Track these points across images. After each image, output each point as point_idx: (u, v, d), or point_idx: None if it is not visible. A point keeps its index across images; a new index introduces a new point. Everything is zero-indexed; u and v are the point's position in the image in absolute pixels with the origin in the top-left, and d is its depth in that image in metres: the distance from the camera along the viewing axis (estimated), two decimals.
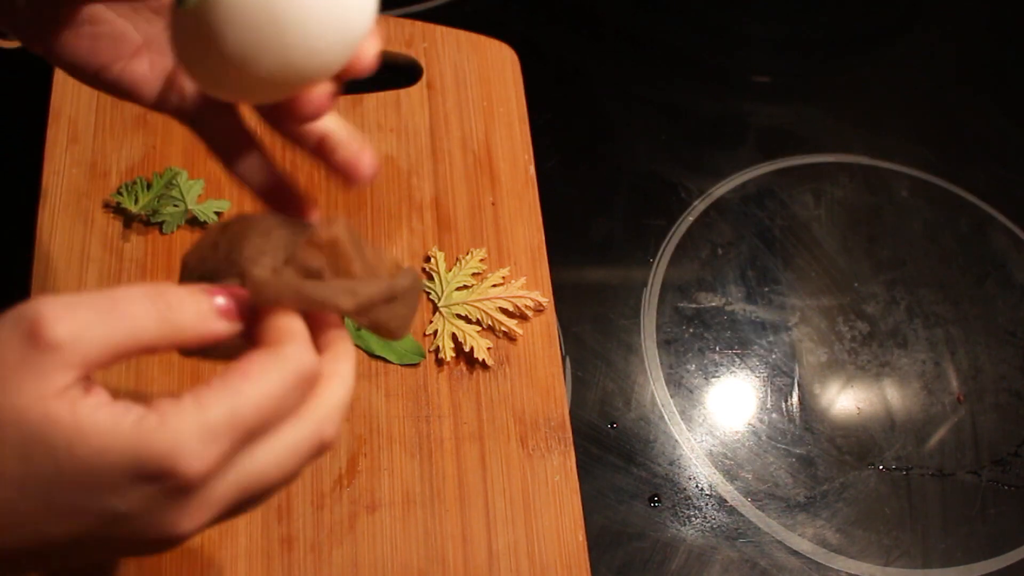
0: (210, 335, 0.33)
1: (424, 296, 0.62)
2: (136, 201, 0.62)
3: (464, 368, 0.60)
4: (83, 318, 0.29)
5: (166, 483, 0.30)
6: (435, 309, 0.62)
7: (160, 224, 0.63)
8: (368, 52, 0.35)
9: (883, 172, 0.78)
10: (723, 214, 0.74)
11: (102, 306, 0.30)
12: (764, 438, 0.65)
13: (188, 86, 0.40)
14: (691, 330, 0.68)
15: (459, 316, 0.61)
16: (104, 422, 0.29)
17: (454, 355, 0.60)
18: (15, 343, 0.29)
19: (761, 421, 0.65)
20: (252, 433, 0.32)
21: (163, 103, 0.40)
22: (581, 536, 0.56)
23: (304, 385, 0.33)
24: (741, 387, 0.67)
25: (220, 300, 0.34)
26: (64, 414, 0.29)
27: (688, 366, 0.67)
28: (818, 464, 0.64)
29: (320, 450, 0.34)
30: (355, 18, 0.32)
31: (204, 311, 0.33)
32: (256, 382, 0.32)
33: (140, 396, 0.33)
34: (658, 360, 0.67)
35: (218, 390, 0.31)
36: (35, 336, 0.29)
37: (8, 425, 0.29)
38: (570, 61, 0.80)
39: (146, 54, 0.39)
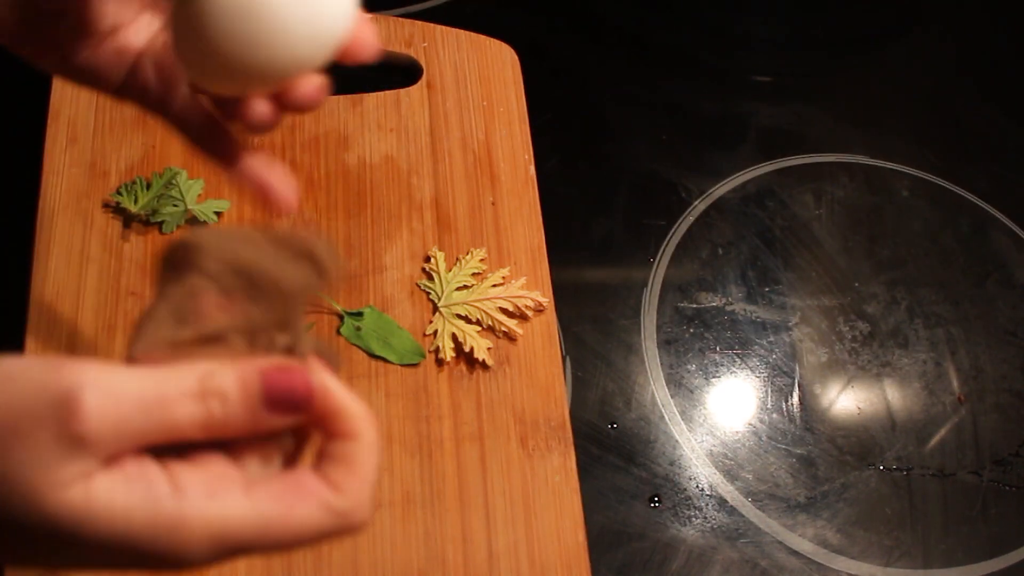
0: (257, 427, 0.30)
1: (425, 296, 0.62)
2: (136, 201, 0.62)
3: (464, 368, 0.60)
4: (125, 414, 0.28)
5: (169, 566, 0.29)
6: (435, 309, 0.62)
7: (160, 224, 0.63)
8: (366, 38, 0.35)
9: (883, 172, 0.78)
10: (723, 214, 0.74)
11: (149, 405, 0.28)
12: (764, 438, 0.65)
13: (150, 71, 0.40)
14: (691, 330, 0.68)
15: (459, 316, 0.61)
16: (120, 508, 0.28)
17: (454, 355, 0.60)
18: (49, 423, 0.27)
19: (761, 421, 0.65)
20: (268, 548, 0.30)
21: (126, 90, 0.41)
22: (581, 536, 0.56)
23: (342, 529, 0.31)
24: (741, 387, 0.67)
25: (283, 395, 0.30)
26: (79, 501, 0.28)
27: (688, 366, 0.67)
28: (819, 464, 0.64)
29: (340, 535, 0.32)
30: (334, 12, 0.33)
31: (255, 407, 0.30)
32: (296, 522, 0.30)
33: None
34: (658, 360, 0.67)
35: (258, 509, 0.30)
36: (70, 423, 0.27)
37: (22, 506, 0.28)
38: (570, 61, 0.80)
39: (111, 40, 0.39)
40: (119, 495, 0.28)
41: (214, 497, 0.29)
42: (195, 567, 0.30)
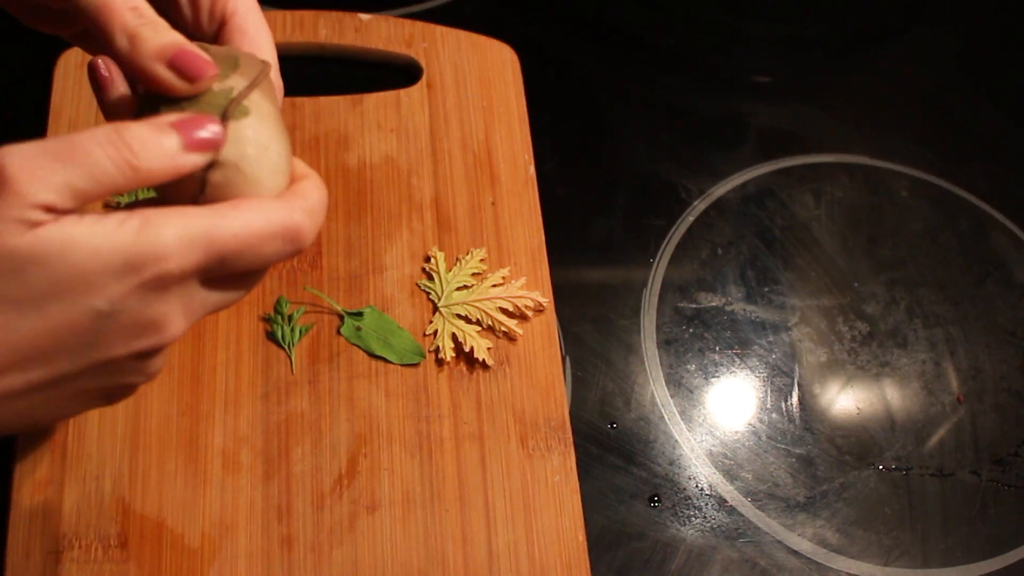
0: (177, 171, 0.34)
1: (425, 296, 0.62)
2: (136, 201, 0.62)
3: (464, 368, 0.60)
4: (44, 164, 0.32)
5: (147, 275, 0.33)
6: (435, 309, 0.62)
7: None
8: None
9: (883, 172, 0.78)
10: (723, 214, 0.74)
11: (65, 153, 0.32)
12: (764, 438, 0.65)
13: None
14: (691, 330, 0.68)
15: (459, 316, 0.61)
16: (92, 230, 0.32)
17: (454, 355, 0.60)
18: None
19: (761, 421, 0.65)
20: (227, 260, 0.35)
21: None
22: (581, 536, 0.56)
23: (288, 238, 0.36)
24: (741, 387, 0.67)
25: (190, 133, 0.34)
26: (53, 232, 0.32)
27: (688, 366, 0.67)
28: (818, 464, 0.64)
29: (295, 245, 0.37)
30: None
31: (170, 147, 0.34)
32: (252, 213, 0.35)
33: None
34: (658, 360, 0.67)
35: (213, 208, 0.34)
36: None
37: None
38: (570, 61, 0.80)
39: None
40: (88, 223, 0.32)
41: (171, 210, 0.34)
42: (181, 291, 0.34)
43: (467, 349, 0.60)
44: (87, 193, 0.32)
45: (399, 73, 0.72)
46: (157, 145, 0.33)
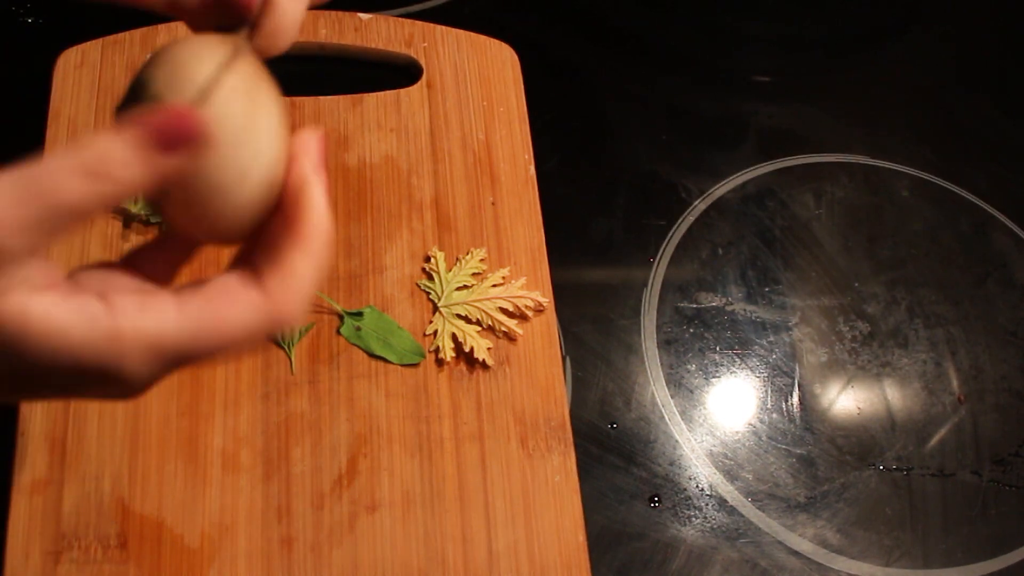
0: (163, 177, 0.30)
1: (425, 296, 0.62)
2: (136, 201, 0.62)
3: (464, 368, 0.60)
4: (4, 206, 0.28)
5: (112, 385, 0.31)
6: (435, 309, 0.62)
7: (160, 224, 0.63)
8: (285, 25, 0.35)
9: (883, 172, 0.78)
10: (723, 214, 0.74)
11: (27, 189, 0.29)
12: (764, 438, 0.65)
13: None
14: (691, 330, 0.68)
15: (459, 316, 0.61)
16: (55, 325, 0.29)
17: (454, 355, 0.60)
18: None
19: (761, 421, 0.65)
20: (203, 355, 0.32)
21: None
22: (581, 536, 0.56)
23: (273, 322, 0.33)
24: (741, 387, 0.67)
25: (156, 129, 0.30)
26: (14, 314, 0.29)
27: (688, 366, 0.67)
28: (818, 464, 0.64)
29: (280, 331, 0.33)
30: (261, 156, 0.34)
31: (138, 154, 0.30)
32: (227, 326, 0.31)
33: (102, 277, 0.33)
34: (658, 360, 0.67)
35: (188, 316, 0.31)
36: None
37: None
38: (570, 61, 0.80)
39: None
40: (54, 311, 0.29)
41: (146, 309, 0.30)
42: (137, 385, 0.31)
43: (467, 349, 0.60)
44: (58, 229, 0.29)
45: (399, 73, 0.72)
46: (129, 158, 0.30)
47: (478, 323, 0.61)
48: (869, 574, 0.60)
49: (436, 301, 0.62)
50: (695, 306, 0.69)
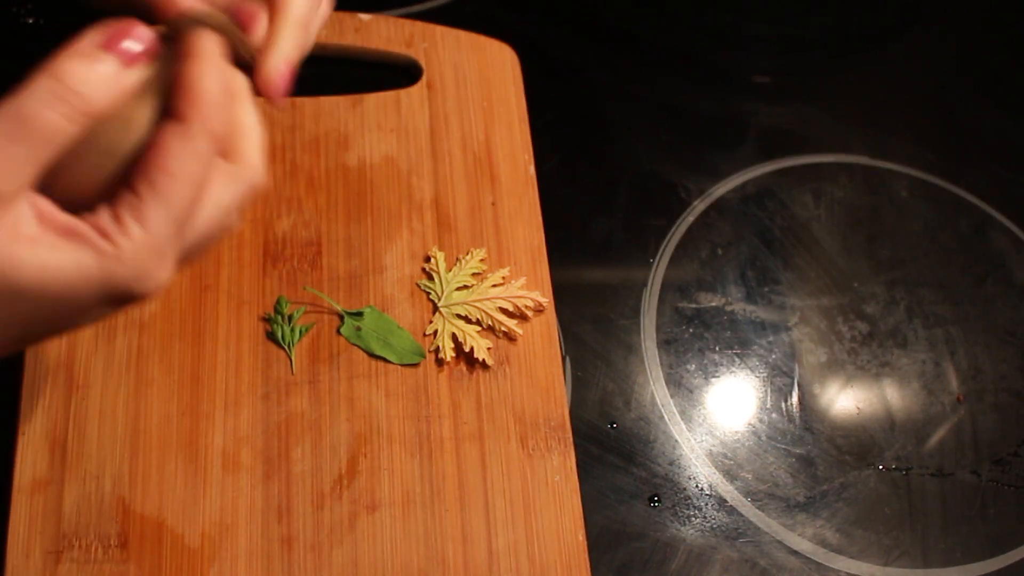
0: (124, 93, 0.33)
1: (425, 296, 0.62)
2: None
3: (464, 368, 0.60)
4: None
5: (131, 299, 0.32)
6: (435, 309, 0.62)
7: None
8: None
9: (883, 172, 0.78)
10: (723, 214, 0.74)
11: (12, 133, 0.31)
12: (764, 438, 0.65)
13: None
14: (691, 330, 0.68)
15: (459, 316, 0.61)
16: (65, 262, 0.31)
17: (454, 355, 0.60)
18: None
19: (761, 421, 0.65)
20: (189, 220, 0.33)
21: None
22: (581, 536, 0.56)
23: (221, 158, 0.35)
24: (741, 387, 0.67)
25: (123, 46, 0.33)
26: (27, 256, 0.30)
27: (688, 366, 0.67)
28: (818, 464, 0.64)
29: (253, 195, 0.36)
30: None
31: (109, 72, 0.32)
32: (181, 179, 0.32)
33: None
34: (658, 360, 0.67)
35: (151, 201, 0.32)
36: None
37: None
38: (570, 61, 0.80)
39: None
40: (61, 251, 0.31)
41: (132, 230, 0.32)
42: (154, 292, 0.33)
43: (467, 349, 0.60)
44: (50, 161, 0.31)
45: (399, 73, 0.72)
46: (97, 76, 0.32)
47: (478, 323, 0.61)
48: (868, 574, 0.60)
49: (436, 301, 0.62)
50: (695, 306, 0.69)
